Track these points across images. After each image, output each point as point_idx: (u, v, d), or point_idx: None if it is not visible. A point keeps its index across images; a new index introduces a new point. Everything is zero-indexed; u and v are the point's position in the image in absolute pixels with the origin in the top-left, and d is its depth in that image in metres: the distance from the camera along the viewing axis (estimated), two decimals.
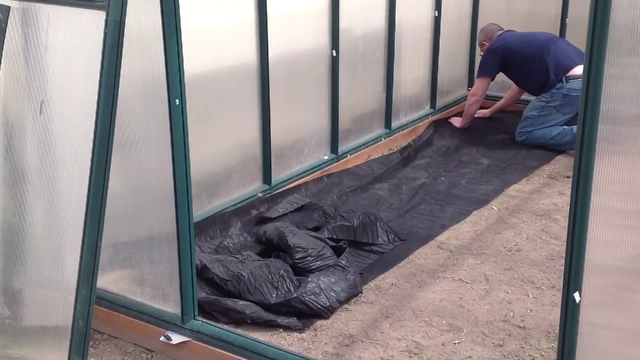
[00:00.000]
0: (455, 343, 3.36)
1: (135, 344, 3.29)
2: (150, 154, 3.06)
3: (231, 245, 4.10)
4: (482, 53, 6.18)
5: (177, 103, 2.89)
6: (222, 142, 4.36)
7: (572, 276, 2.25)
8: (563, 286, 2.31)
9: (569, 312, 2.29)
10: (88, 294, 2.73)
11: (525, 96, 6.44)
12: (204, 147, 4.21)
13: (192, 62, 4.03)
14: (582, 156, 2.16)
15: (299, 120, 4.92)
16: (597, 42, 2.08)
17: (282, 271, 3.61)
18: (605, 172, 2.17)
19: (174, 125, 2.91)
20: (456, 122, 6.33)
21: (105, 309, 3.32)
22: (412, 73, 6.08)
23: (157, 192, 3.04)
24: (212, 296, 3.50)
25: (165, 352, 3.20)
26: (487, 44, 6.16)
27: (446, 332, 3.44)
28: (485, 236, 4.42)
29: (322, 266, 3.70)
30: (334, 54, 5.01)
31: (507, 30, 6.19)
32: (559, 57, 5.77)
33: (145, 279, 3.28)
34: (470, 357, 3.26)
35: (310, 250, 3.74)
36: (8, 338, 2.97)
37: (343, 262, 3.71)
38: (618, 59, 2.11)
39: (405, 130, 5.99)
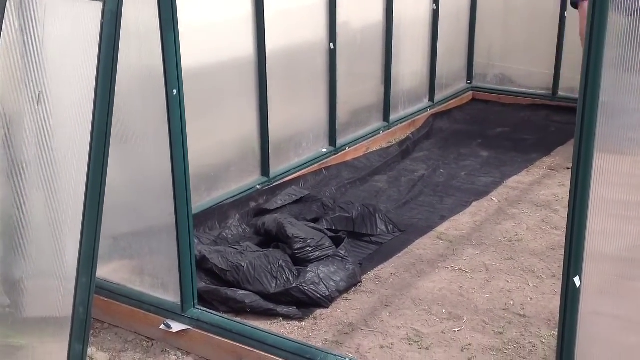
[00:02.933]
0: (455, 331, 3.36)
1: (135, 332, 3.29)
2: (149, 146, 3.06)
3: (230, 236, 4.11)
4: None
5: (175, 94, 2.90)
6: (220, 135, 4.36)
7: (572, 261, 2.25)
8: (563, 271, 2.32)
9: (569, 297, 2.29)
10: (88, 281, 2.73)
11: None
12: (203, 140, 4.21)
13: (190, 55, 4.04)
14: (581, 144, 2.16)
15: (297, 113, 4.93)
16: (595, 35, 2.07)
17: (281, 261, 3.61)
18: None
19: (172, 117, 2.91)
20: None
21: (105, 299, 3.32)
22: (410, 66, 6.08)
23: (156, 183, 3.04)
24: (211, 286, 3.50)
25: (165, 340, 3.21)
26: None
27: (446, 321, 3.44)
28: (485, 227, 4.42)
29: (321, 256, 3.71)
30: (332, 47, 5.02)
31: None
32: None
33: (145, 269, 3.28)
34: (470, 344, 3.26)
35: (309, 241, 3.74)
36: (9, 327, 2.97)
37: (342, 252, 3.72)
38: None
39: (404, 123, 6.00)
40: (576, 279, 2.26)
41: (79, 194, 2.74)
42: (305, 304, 3.49)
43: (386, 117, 5.82)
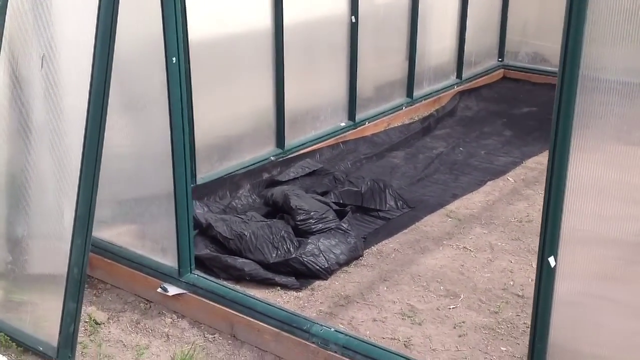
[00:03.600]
0: (450, 308, 3.37)
1: (135, 294, 3.40)
2: (152, 113, 3.12)
3: (239, 206, 4.17)
4: None
5: (175, 61, 2.94)
6: (235, 106, 4.41)
7: (548, 240, 2.24)
8: (538, 251, 2.31)
9: (544, 277, 2.28)
10: (83, 243, 2.83)
11: None
12: (217, 111, 4.28)
13: (207, 26, 4.11)
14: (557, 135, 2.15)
15: (315, 86, 4.94)
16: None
17: (283, 232, 3.66)
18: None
19: (171, 84, 2.96)
20: None
21: (108, 260, 3.43)
22: (438, 42, 6.01)
23: (157, 150, 3.10)
24: (213, 253, 3.57)
25: (162, 303, 3.30)
26: None
27: (442, 298, 3.45)
28: (497, 206, 4.39)
29: (323, 229, 3.74)
30: (354, 20, 5.00)
31: None
32: None
33: (146, 234, 3.37)
34: (463, 321, 3.27)
35: (312, 213, 3.78)
36: (11, 283, 3.10)
37: (344, 226, 3.74)
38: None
39: (428, 100, 5.95)
40: (551, 259, 2.25)
41: (78, 157, 2.83)
42: (304, 275, 3.53)
43: (409, 93, 5.78)
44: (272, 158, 4.63)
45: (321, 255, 3.57)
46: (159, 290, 3.22)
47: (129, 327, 3.20)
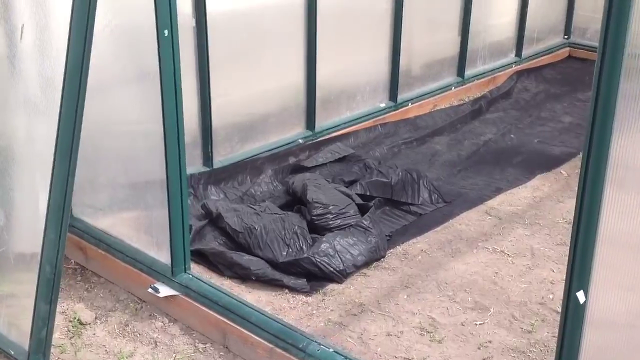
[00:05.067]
0: (477, 324, 2.96)
1: (128, 291, 3.12)
2: (146, 92, 2.79)
3: (259, 193, 3.84)
4: None
5: (167, 34, 2.60)
6: (260, 83, 4.04)
7: (577, 270, 1.82)
8: (565, 283, 1.88)
9: (570, 315, 1.86)
10: (57, 238, 2.54)
11: None
12: (238, 88, 3.93)
13: None
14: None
15: (353, 63, 4.51)
16: None
17: (296, 227, 3.31)
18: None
19: (163, 60, 2.62)
20: None
21: (103, 252, 3.15)
22: (495, 16, 5.48)
23: (149, 133, 2.78)
24: (218, 248, 3.26)
25: (155, 304, 3.01)
26: None
27: (469, 311, 3.04)
28: (545, 204, 3.92)
29: (342, 225, 3.37)
30: None
31: None
32: None
33: (141, 225, 3.08)
34: (490, 341, 2.86)
35: (331, 207, 3.41)
36: (2, 272, 2.84)
37: (365, 223, 3.36)
38: None
39: (482, 80, 5.44)
40: (580, 294, 1.83)
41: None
42: (317, 276, 3.18)
43: (461, 72, 5.30)
44: (300, 141, 4.26)
45: (336, 255, 3.21)
46: (150, 290, 2.93)
47: (116, 329, 2.92)
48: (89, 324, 2.94)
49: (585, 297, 1.81)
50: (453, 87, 5.23)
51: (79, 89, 2.46)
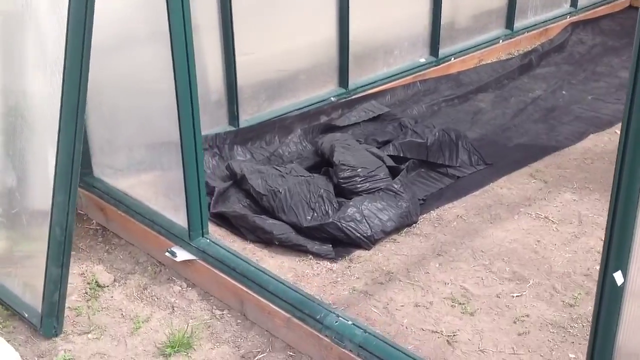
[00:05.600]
0: (513, 296, 2.75)
1: (148, 254, 3.01)
2: (159, 50, 2.62)
3: (287, 153, 3.67)
4: None
5: None
6: (289, 37, 3.83)
7: (614, 250, 1.59)
8: (601, 263, 1.66)
9: (606, 297, 1.65)
10: (66, 200, 2.44)
11: None
12: (266, 42, 3.73)
13: None
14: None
15: (390, 15, 4.24)
16: None
17: (322, 190, 3.13)
18: None
19: (172, 14, 2.44)
20: None
21: (123, 214, 3.04)
22: None
23: (163, 92, 2.62)
24: (240, 211, 3.11)
25: (173, 267, 2.89)
26: None
27: (507, 282, 2.83)
28: (596, 167, 3.64)
29: (371, 189, 3.18)
30: None
31: None
32: None
33: (159, 187, 2.95)
34: (527, 315, 2.66)
35: (359, 170, 3.21)
36: (17, 233, 2.77)
37: (396, 187, 3.15)
38: None
39: (533, 32, 5.10)
40: (618, 274, 1.61)
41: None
42: (343, 242, 3.01)
43: (509, 23, 4.97)
44: (332, 99, 4.06)
45: (364, 220, 3.02)
46: (167, 254, 2.81)
47: (134, 292, 2.82)
48: (107, 286, 2.85)
49: (624, 278, 1.59)
50: (501, 41, 4.92)
51: (82, 46, 2.31)
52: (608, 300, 1.66)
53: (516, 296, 2.75)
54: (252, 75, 3.71)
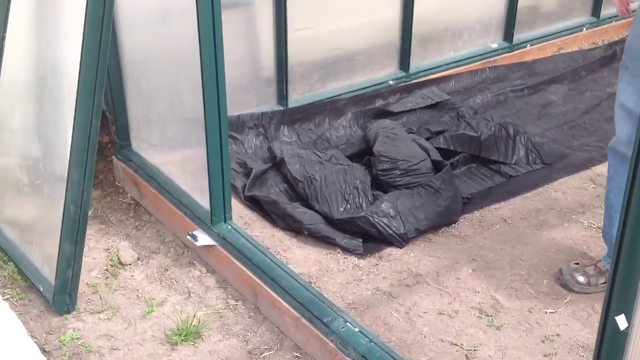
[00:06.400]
0: (546, 312, 2.55)
1: (174, 234, 2.97)
2: (189, 24, 2.54)
3: (334, 137, 3.54)
4: None
5: None
6: (346, 15, 3.66)
7: (617, 290, 1.40)
8: (603, 304, 1.46)
9: (607, 340, 1.45)
10: (81, 177, 2.41)
11: None
12: (320, 20, 3.59)
13: None
14: None
15: None
16: None
17: (358, 181, 2.99)
18: None
19: None
20: None
21: (154, 190, 3.01)
22: None
23: (192, 66, 2.54)
24: (272, 197, 3.02)
25: (196, 251, 2.84)
26: None
27: (542, 295, 2.63)
28: None
29: (411, 183, 3.01)
30: None
31: None
32: None
33: (187, 167, 2.89)
34: (558, 335, 2.45)
35: (399, 162, 3.04)
36: (39, 204, 2.78)
37: (436, 183, 2.97)
38: None
39: (621, 22, 4.71)
40: (620, 318, 1.42)
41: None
42: (374, 238, 2.88)
43: (596, 10, 4.62)
44: (390, 82, 3.88)
45: (398, 217, 2.87)
46: (188, 237, 2.76)
47: (155, 273, 2.79)
48: (130, 264, 2.83)
49: (628, 323, 1.40)
50: (585, 28, 4.57)
51: (102, 21, 2.25)
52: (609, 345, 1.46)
53: (550, 312, 2.55)
54: (305, 52, 3.59)
